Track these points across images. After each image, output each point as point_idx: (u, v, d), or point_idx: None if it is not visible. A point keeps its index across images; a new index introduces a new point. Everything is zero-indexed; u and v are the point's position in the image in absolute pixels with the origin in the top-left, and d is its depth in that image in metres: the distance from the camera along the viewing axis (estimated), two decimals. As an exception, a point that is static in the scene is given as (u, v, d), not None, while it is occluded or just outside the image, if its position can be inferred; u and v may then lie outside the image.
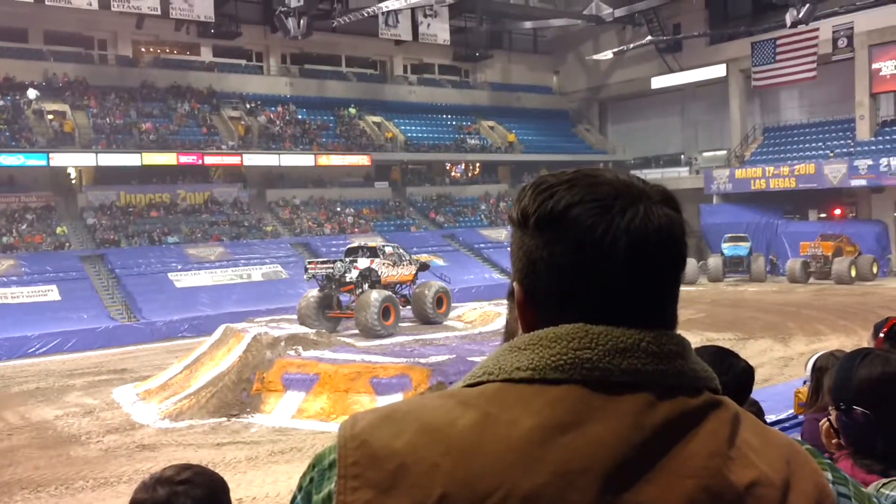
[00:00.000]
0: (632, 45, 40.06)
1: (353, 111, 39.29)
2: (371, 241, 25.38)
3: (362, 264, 19.63)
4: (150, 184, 32.80)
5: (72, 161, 30.97)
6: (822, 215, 35.12)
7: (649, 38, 39.25)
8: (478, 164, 43.39)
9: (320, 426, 12.43)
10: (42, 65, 32.94)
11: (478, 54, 42.60)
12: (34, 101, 31.21)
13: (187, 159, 32.06)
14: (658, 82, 40.95)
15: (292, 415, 13.11)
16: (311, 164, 35.34)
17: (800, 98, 37.85)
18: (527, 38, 46.89)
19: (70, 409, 14.70)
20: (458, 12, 37.59)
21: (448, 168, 42.87)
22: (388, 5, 31.92)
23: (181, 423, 13.14)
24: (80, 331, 22.88)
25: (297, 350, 14.86)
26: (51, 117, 31.14)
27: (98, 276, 26.87)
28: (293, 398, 13.47)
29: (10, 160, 28.85)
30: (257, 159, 34.03)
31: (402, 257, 21.10)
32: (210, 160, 33.06)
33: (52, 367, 19.61)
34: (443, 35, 36.63)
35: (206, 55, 37.80)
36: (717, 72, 38.80)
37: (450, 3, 34.15)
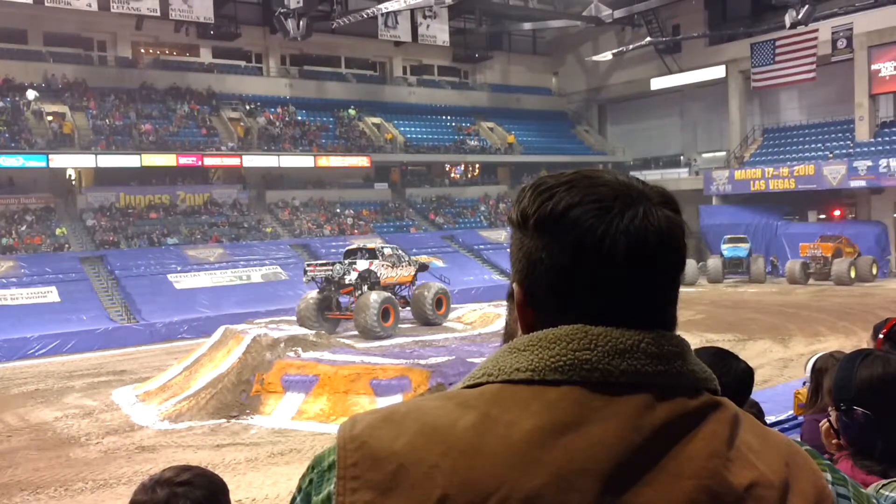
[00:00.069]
0: (631, 47, 40.09)
1: (352, 112, 39.28)
2: (370, 242, 25.37)
3: (361, 266, 19.61)
4: (150, 185, 32.79)
5: (71, 162, 30.96)
6: (822, 216, 35.14)
7: (648, 39, 39.27)
8: (477, 166, 43.40)
9: (320, 427, 12.42)
10: (41, 66, 32.93)
11: (477, 55, 42.65)
12: (33, 102, 31.18)
13: (187, 160, 32.07)
14: (657, 83, 40.98)
15: (292, 416, 13.10)
16: (311, 165, 35.35)
17: (799, 99, 37.85)
18: (526, 39, 46.92)
19: (69, 410, 14.68)
20: (457, 13, 37.61)
21: (447, 169, 42.87)
22: (388, 6, 31.93)
23: (181, 425, 13.13)
24: (80, 332, 22.84)
25: (296, 351, 14.85)
26: (50, 118, 31.12)
27: (97, 277, 26.85)
28: (293, 399, 13.46)
29: (9, 161, 28.85)
30: (257, 160, 34.04)
31: (401, 258, 21.08)
32: (209, 161, 33.06)
33: (52, 369, 19.58)
34: (442, 36, 36.63)
35: (205, 56, 37.80)
36: (717, 73, 38.83)
37: (449, 4, 34.15)
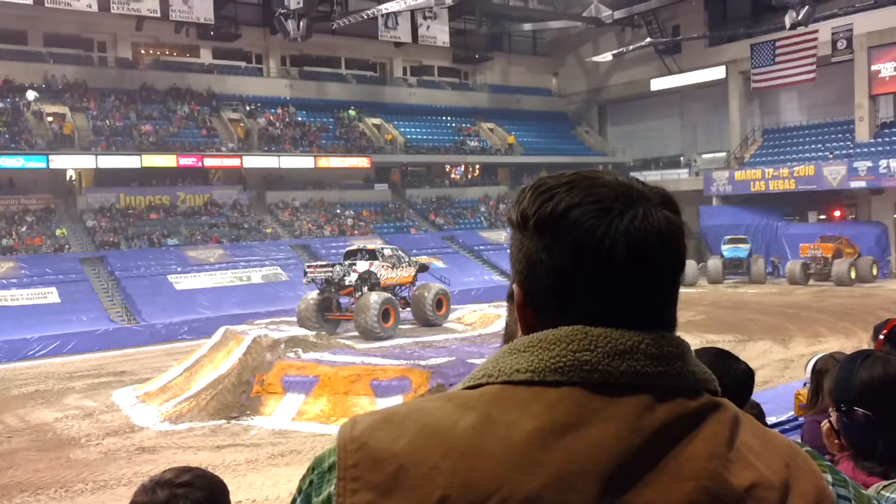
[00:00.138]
0: (631, 47, 40.11)
1: (352, 113, 39.29)
2: (370, 243, 25.38)
3: (361, 267, 19.60)
4: (150, 186, 32.81)
5: (71, 163, 30.96)
6: (822, 217, 35.15)
7: (648, 39, 39.28)
8: (477, 166, 43.41)
9: (320, 428, 12.42)
10: (41, 67, 32.94)
11: (477, 56, 42.66)
12: (33, 102, 31.19)
13: (187, 161, 32.09)
14: (657, 84, 40.99)
15: (292, 417, 13.10)
16: (311, 166, 35.35)
17: (799, 100, 37.85)
18: (526, 40, 46.94)
19: (70, 411, 14.68)
20: (457, 14, 37.62)
21: (448, 170, 42.87)
22: (388, 7, 31.94)
23: (181, 426, 13.12)
24: (80, 333, 22.84)
25: (296, 352, 14.85)
26: (50, 119, 31.12)
27: (98, 278, 26.85)
28: (293, 400, 13.46)
29: (9, 162, 28.86)
30: (257, 161, 34.05)
31: (401, 259, 21.07)
32: (210, 162, 33.06)
33: (52, 370, 19.58)
34: (442, 37, 36.64)
35: (205, 57, 37.81)
36: (717, 73, 38.84)
37: (449, 5, 34.17)
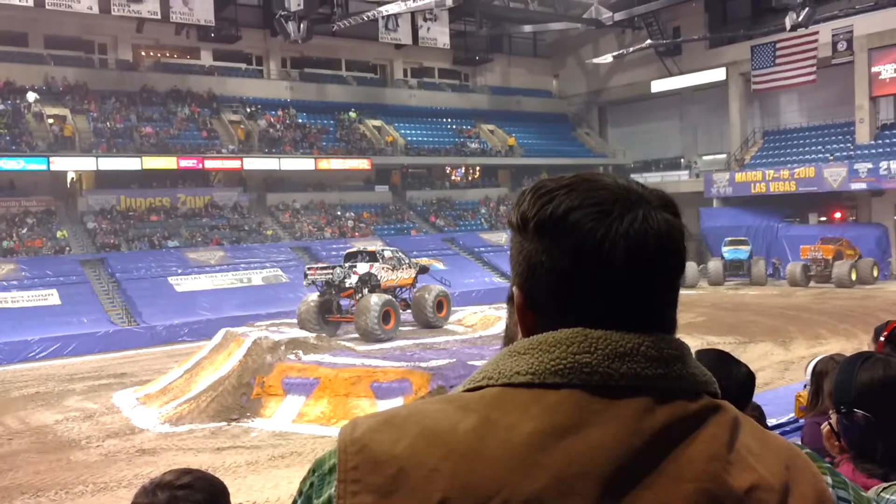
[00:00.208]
0: (631, 49, 40.14)
1: (353, 115, 39.31)
2: (370, 245, 25.39)
3: (361, 269, 19.62)
4: (151, 188, 32.83)
5: (72, 165, 30.97)
6: (823, 219, 35.14)
7: (649, 41, 39.31)
8: (478, 168, 43.42)
9: (320, 430, 12.40)
10: (42, 69, 32.98)
11: (478, 58, 42.71)
12: (34, 104, 31.21)
13: (187, 163, 32.10)
14: (658, 86, 41.01)
15: (292, 419, 13.09)
16: (312, 167, 35.37)
17: (799, 101, 37.86)
18: (526, 41, 46.97)
19: (70, 413, 14.67)
20: (457, 16, 37.66)
21: (448, 172, 42.88)
22: (388, 9, 31.97)
23: (181, 428, 13.11)
24: (81, 335, 22.85)
25: (297, 354, 14.84)
26: (51, 121, 31.14)
27: (98, 280, 26.86)
28: (293, 402, 13.45)
29: (10, 164, 28.88)
30: (257, 163, 34.06)
31: (402, 261, 21.09)
32: (210, 164, 33.09)
33: (52, 372, 19.58)
34: (443, 39, 36.67)
35: (206, 59, 37.84)
36: (717, 75, 38.86)
37: (450, 6, 34.19)
